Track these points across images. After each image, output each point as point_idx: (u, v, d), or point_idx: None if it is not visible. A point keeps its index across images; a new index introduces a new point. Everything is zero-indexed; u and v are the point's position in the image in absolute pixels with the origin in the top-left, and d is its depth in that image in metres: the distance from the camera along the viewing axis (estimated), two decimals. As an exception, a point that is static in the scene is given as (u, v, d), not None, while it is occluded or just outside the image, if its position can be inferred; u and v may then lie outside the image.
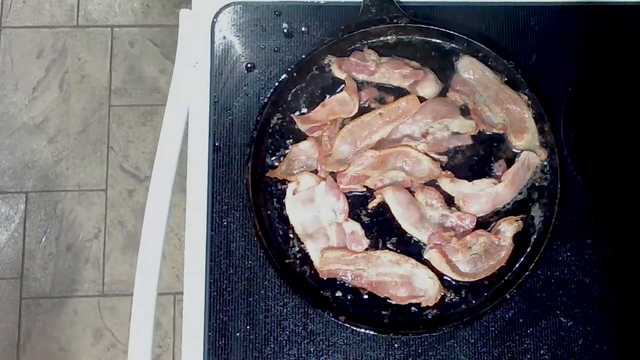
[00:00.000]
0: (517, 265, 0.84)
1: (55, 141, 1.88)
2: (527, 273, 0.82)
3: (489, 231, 0.84)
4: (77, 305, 1.79)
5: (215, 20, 0.92)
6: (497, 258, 0.83)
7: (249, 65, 0.91)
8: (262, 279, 0.84)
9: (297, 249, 0.85)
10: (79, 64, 1.93)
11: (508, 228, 0.83)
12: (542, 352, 0.82)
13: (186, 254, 0.86)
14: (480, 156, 0.88)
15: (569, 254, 0.85)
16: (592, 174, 0.87)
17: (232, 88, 0.90)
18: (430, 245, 0.83)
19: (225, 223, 0.86)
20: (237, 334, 0.83)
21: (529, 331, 0.83)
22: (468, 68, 0.90)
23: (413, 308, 0.82)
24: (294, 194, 0.86)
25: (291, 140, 0.89)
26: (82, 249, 1.82)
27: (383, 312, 0.82)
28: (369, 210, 0.86)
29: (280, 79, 0.89)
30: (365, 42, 0.92)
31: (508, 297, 0.81)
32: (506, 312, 0.83)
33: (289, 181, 0.86)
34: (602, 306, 0.83)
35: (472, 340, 0.82)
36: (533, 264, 0.82)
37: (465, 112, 0.89)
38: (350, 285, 0.83)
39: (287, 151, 0.88)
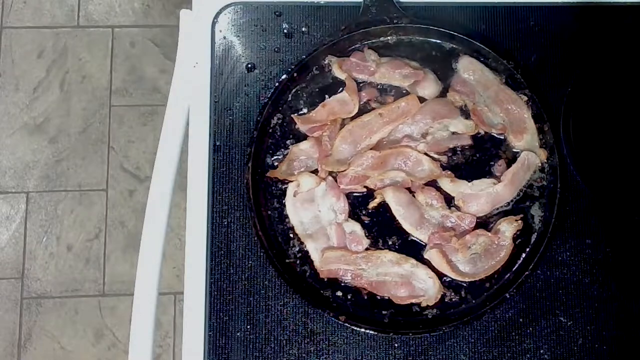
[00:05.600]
0: (517, 265, 0.84)
1: (56, 141, 1.88)
2: (526, 273, 0.82)
3: (489, 231, 0.84)
4: (77, 305, 1.79)
5: (215, 20, 0.93)
6: (497, 258, 0.83)
7: (249, 65, 0.91)
8: (263, 279, 0.84)
9: (297, 248, 0.85)
10: (80, 64, 1.94)
11: (508, 228, 0.83)
12: (541, 351, 0.82)
13: (186, 254, 0.86)
14: (480, 156, 0.88)
15: (568, 253, 0.85)
16: (592, 173, 0.87)
17: (232, 88, 0.90)
18: (431, 245, 0.83)
19: (225, 223, 0.86)
20: (238, 334, 0.83)
21: (528, 331, 0.83)
22: (468, 68, 0.90)
23: (413, 308, 0.82)
24: (294, 195, 0.86)
25: (291, 140, 0.89)
26: (82, 249, 1.82)
27: (383, 312, 0.82)
28: (369, 210, 0.86)
29: (281, 79, 0.89)
30: (366, 42, 0.92)
31: (508, 296, 0.81)
32: (506, 312, 0.83)
33: (289, 181, 0.86)
34: (601, 306, 0.83)
35: (472, 340, 0.83)
36: (533, 263, 0.82)
37: (465, 112, 0.89)
38: (350, 285, 0.83)
39: (287, 151, 0.88)
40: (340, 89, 0.90)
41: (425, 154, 0.87)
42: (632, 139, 0.89)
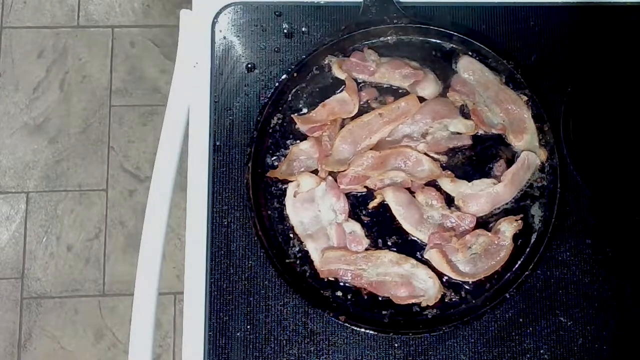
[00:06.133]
0: (517, 265, 0.84)
1: (56, 141, 1.88)
2: (526, 273, 0.82)
3: (489, 231, 0.84)
4: (77, 305, 1.79)
5: (215, 20, 0.93)
6: (497, 258, 0.83)
7: (249, 65, 0.91)
8: (262, 279, 0.84)
9: (297, 248, 0.85)
10: (80, 64, 1.94)
11: (508, 228, 0.83)
12: (541, 351, 0.82)
13: (186, 254, 0.86)
14: (480, 156, 0.88)
15: (568, 253, 0.85)
16: (592, 173, 0.87)
17: (232, 88, 0.91)
18: (431, 245, 0.83)
19: (225, 223, 0.86)
20: (238, 334, 0.83)
21: (528, 331, 0.83)
22: (468, 68, 0.90)
23: (413, 308, 0.82)
24: (294, 195, 0.86)
25: (291, 140, 0.89)
26: (82, 249, 1.82)
27: (383, 312, 0.82)
28: (369, 210, 0.86)
29: (281, 79, 0.89)
30: (366, 42, 0.92)
31: (508, 296, 0.81)
32: (506, 312, 0.83)
33: (289, 181, 0.86)
34: (601, 306, 0.83)
35: (472, 340, 0.83)
36: (533, 263, 0.82)
37: (465, 112, 0.89)
38: (350, 285, 0.83)
39: (287, 151, 0.88)
40: (340, 89, 0.90)
41: (425, 154, 0.87)
42: (632, 139, 0.89)
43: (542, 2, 0.94)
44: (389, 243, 0.85)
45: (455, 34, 0.90)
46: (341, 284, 0.84)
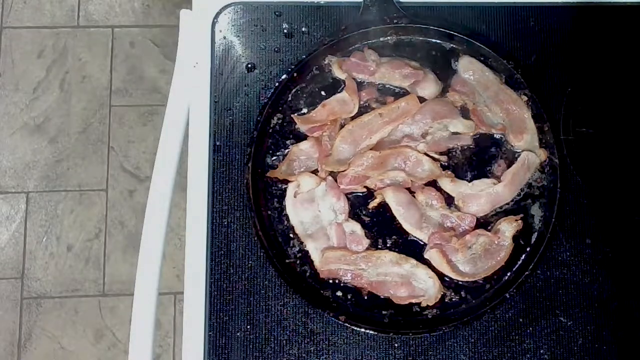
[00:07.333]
0: (517, 265, 0.84)
1: (56, 141, 1.88)
2: (526, 273, 0.82)
3: (489, 231, 0.84)
4: (77, 305, 1.79)
5: (215, 20, 0.93)
6: (497, 258, 0.83)
7: (249, 65, 0.91)
8: (263, 279, 0.84)
9: (297, 248, 0.85)
10: (80, 64, 1.94)
11: (508, 228, 0.83)
12: (541, 351, 0.82)
13: (186, 254, 0.86)
14: (480, 156, 0.88)
15: (568, 253, 0.85)
16: (592, 173, 0.87)
17: (232, 88, 0.91)
18: (431, 245, 0.83)
19: (225, 223, 0.86)
20: (238, 334, 0.83)
21: (528, 331, 0.83)
22: (468, 68, 0.90)
23: (413, 308, 0.82)
24: (294, 196, 0.86)
25: (291, 140, 0.89)
26: (82, 249, 1.82)
27: (383, 312, 0.82)
28: (369, 210, 0.86)
29: (281, 79, 0.89)
30: (366, 42, 0.92)
31: (508, 296, 0.81)
32: (506, 312, 0.83)
33: (289, 181, 0.86)
34: (601, 306, 0.83)
35: (472, 340, 0.83)
36: (533, 263, 0.82)
37: (465, 112, 0.89)
38: (350, 285, 0.83)
39: (287, 151, 0.88)
40: (340, 89, 0.90)
41: (425, 154, 0.87)
42: (632, 139, 0.89)
43: (542, 2, 0.94)
44: (389, 243, 0.85)
45: (456, 34, 0.90)
46: (341, 284, 0.84)
